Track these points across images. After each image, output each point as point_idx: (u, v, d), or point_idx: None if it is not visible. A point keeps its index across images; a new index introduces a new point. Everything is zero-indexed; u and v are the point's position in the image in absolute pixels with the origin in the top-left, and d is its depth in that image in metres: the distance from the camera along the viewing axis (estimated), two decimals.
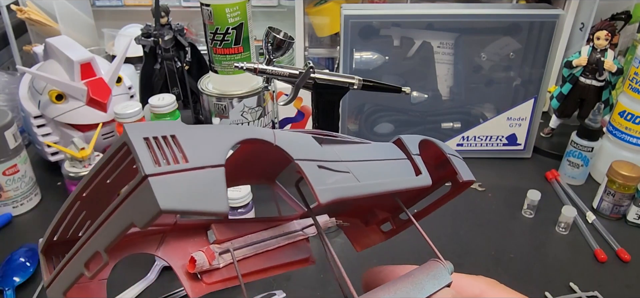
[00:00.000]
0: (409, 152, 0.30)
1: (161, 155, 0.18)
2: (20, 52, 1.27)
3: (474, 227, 0.77)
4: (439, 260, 0.28)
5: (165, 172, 0.18)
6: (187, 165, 0.18)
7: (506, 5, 1.08)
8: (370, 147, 0.30)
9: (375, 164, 0.28)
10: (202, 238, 0.30)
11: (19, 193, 0.77)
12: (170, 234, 0.29)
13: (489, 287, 0.28)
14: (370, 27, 0.93)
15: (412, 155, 0.30)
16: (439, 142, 0.33)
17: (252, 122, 0.85)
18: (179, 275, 0.28)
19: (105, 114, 0.81)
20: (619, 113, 0.85)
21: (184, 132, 0.20)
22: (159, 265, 0.66)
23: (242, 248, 0.31)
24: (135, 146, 0.18)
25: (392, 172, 0.28)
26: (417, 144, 0.31)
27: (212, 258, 0.28)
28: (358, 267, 0.33)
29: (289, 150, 0.23)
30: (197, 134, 0.20)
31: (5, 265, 0.65)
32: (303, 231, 0.34)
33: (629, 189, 0.76)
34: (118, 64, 0.82)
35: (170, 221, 0.29)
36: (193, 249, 0.29)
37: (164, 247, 0.28)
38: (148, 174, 0.17)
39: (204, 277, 0.28)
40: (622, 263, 0.70)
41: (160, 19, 0.91)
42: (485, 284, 0.28)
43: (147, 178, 0.17)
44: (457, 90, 0.99)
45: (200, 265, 0.28)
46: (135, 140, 0.18)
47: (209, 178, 0.18)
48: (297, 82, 0.69)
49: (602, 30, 0.85)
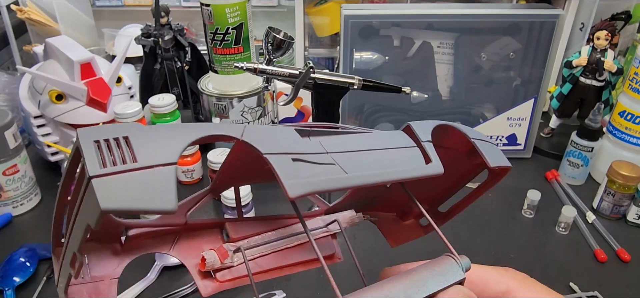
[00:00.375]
0: (418, 139, 0.28)
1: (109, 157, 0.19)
2: (20, 52, 1.27)
3: (474, 227, 0.77)
4: (452, 255, 0.26)
5: (109, 173, 0.18)
6: (135, 165, 0.19)
7: (506, 5, 1.08)
8: (375, 136, 0.28)
9: (376, 154, 0.26)
10: (217, 236, 0.30)
11: (19, 193, 0.77)
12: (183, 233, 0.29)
13: (516, 282, 0.26)
14: (370, 27, 0.93)
15: (422, 142, 0.28)
16: (463, 126, 0.31)
17: (252, 121, 0.85)
18: (192, 274, 0.28)
19: (105, 114, 0.81)
20: (619, 113, 0.85)
21: (138, 133, 0.20)
22: (159, 265, 0.66)
23: (259, 246, 0.30)
24: (84, 149, 0.19)
25: (395, 162, 0.26)
26: (430, 130, 0.29)
27: (225, 257, 0.28)
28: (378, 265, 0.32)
29: (257, 144, 0.22)
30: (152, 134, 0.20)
31: (5, 265, 0.65)
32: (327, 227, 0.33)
33: (629, 189, 0.76)
34: (118, 64, 0.82)
35: (180, 221, 0.29)
36: (207, 247, 0.29)
37: (177, 246, 0.29)
38: (92, 176, 0.18)
39: (218, 275, 0.29)
40: (622, 263, 0.70)
41: (160, 19, 0.91)
42: (512, 279, 0.26)
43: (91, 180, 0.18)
44: (457, 90, 0.99)
45: (211, 264, 0.28)
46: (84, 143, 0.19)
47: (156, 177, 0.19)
48: (297, 82, 0.69)
49: (602, 30, 0.85)
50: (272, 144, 0.22)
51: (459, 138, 0.30)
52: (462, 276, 0.25)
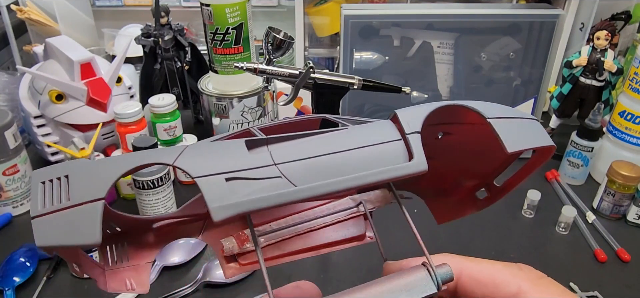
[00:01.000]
0: (403, 131, 0.24)
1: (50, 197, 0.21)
2: (20, 52, 1.27)
3: (474, 227, 0.77)
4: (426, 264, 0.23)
5: (46, 212, 0.20)
6: (68, 203, 0.20)
7: (506, 5, 1.08)
8: (352, 133, 0.25)
9: (343, 156, 0.23)
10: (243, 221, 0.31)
11: (19, 193, 0.77)
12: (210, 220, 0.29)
13: (530, 283, 0.23)
14: (370, 27, 0.93)
15: (407, 134, 0.24)
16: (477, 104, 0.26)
17: (252, 121, 0.85)
18: (218, 257, 0.30)
19: (105, 114, 0.81)
20: (619, 113, 0.85)
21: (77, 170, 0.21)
22: (159, 265, 0.66)
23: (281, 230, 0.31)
24: (32, 191, 0.21)
25: (365, 162, 0.23)
26: (421, 117, 0.25)
27: (244, 243, 0.29)
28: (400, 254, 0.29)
29: (189, 169, 0.21)
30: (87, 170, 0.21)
31: (5, 265, 0.65)
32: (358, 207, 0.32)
33: (629, 189, 0.76)
34: (118, 64, 0.82)
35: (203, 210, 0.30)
36: (233, 233, 0.30)
37: (205, 232, 0.31)
38: (32, 216, 0.20)
39: (240, 259, 0.30)
40: (622, 263, 0.70)
41: (160, 19, 0.91)
42: (526, 280, 0.23)
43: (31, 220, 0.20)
44: (457, 90, 0.99)
45: (229, 250, 0.29)
46: (33, 185, 0.21)
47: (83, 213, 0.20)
48: (297, 82, 0.69)
49: (602, 30, 0.85)
50: (208, 164, 0.21)
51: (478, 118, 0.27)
52: (432, 291, 0.22)
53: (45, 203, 0.21)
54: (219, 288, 0.64)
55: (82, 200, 0.20)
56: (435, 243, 0.73)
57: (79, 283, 0.65)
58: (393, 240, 0.71)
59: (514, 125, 0.26)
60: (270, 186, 0.22)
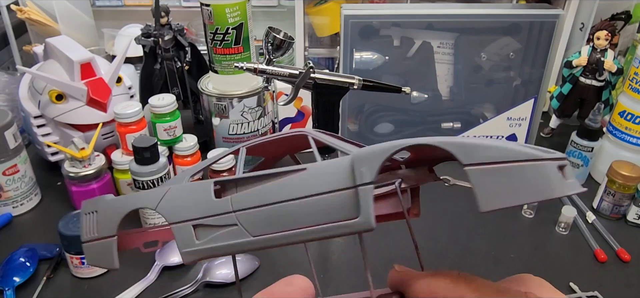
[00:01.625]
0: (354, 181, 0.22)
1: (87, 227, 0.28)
2: (20, 52, 1.26)
3: (474, 227, 0.77)
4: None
5: (88, 240, 0.28)
6: (96, 235, 0.28)
7: (506, 5, 1.08)
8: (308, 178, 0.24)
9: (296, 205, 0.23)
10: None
11: (19, 193, 0.77)
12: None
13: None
14: (370, 27, 0.93)
15: (358, 186, 0.22)
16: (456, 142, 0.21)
17: (252, 121, 0.85)
18: None
19: (105, 114, 0.81)
20: (619, 113, 0.85)
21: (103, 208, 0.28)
22: (159, 265, 0.66)
23: None
24: (81, 220, 0.29)
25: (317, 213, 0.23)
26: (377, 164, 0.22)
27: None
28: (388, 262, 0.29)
29: (166, 215, 0.26)
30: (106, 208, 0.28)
31: (5, 265, 0.65)
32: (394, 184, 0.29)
33: (629, 189, 0.76)
34: (118, 64, 0.82)
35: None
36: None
37: None
38: (82, 241, 0.28)
39: None
40: (622, 263, 0.70)
41: (160, 19, 0.91)
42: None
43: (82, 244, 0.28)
44: (457, 90, 0.99)
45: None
46: (82, 215, 0.29)
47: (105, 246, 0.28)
48: (297, 82, 0.69)
49: (602, 30, 0.85)
50: (181, 211, 0.25)
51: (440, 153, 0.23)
52: None
53: (88, 231, 0.28)
54: (219, 288, 0.64)
55: (103, 235, 0.28)
56: (435, 244, 0.73)
57: (79, 284, 0.65)
58: (393, 240, 0.71)
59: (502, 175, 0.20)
60: (228, 234, 0.24)
